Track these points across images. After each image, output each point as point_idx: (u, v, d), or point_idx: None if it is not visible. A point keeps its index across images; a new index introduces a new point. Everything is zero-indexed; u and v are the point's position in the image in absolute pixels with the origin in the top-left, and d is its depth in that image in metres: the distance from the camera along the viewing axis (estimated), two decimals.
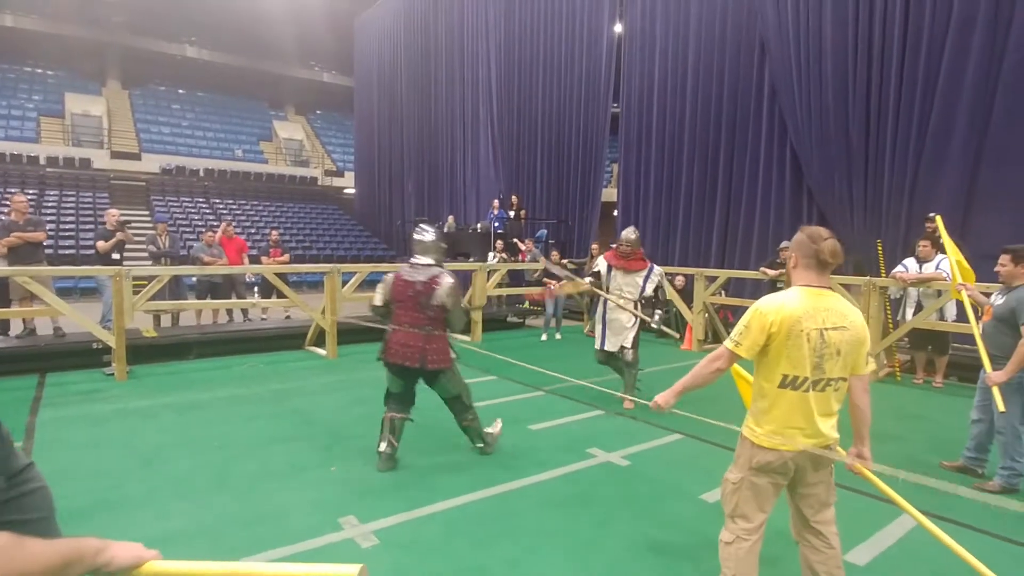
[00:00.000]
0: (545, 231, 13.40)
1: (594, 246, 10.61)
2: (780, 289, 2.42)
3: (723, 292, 9.05)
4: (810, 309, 2.17)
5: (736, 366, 2.86)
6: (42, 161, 21.30)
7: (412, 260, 4.18)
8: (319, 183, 27.36)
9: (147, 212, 20.26)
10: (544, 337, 9.52)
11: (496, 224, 12.55)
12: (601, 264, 5.81)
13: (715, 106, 10.47)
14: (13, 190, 17.14)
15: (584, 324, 10.34)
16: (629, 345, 5.65)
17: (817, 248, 2.21)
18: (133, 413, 5.23)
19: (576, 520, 3.39)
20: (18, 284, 6.44)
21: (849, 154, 8.55)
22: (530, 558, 2.97)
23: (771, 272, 8.00)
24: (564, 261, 10.01)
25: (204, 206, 21.78)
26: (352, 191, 25.58)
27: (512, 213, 13.22)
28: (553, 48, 13.58)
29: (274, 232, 10.98)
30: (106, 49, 27.49)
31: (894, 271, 6.84)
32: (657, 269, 5.76)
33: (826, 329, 2.16)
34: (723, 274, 8.79)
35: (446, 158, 16.99)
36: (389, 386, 4.20)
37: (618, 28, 12.39)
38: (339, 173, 28.12)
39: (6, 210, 8.84)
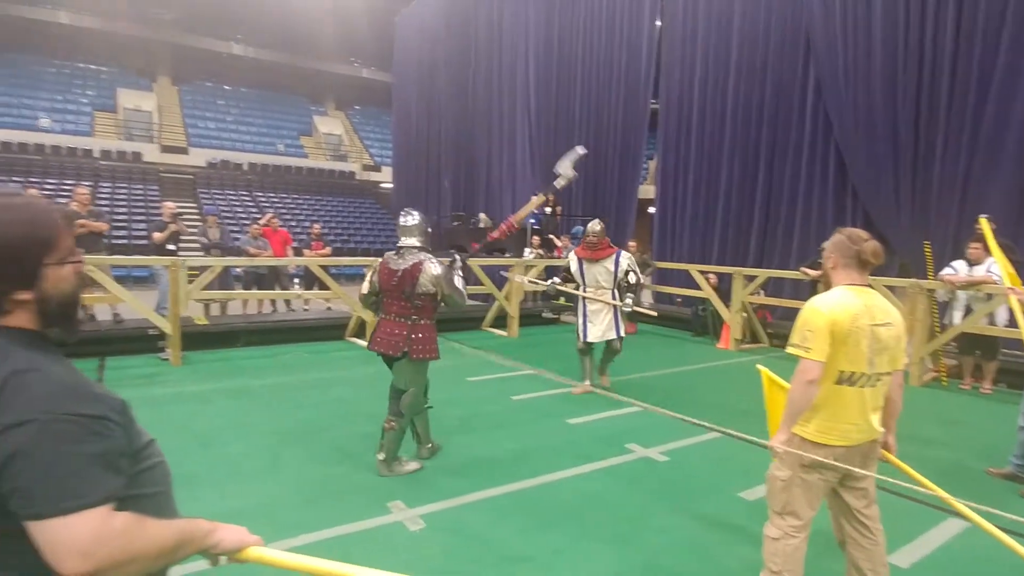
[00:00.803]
0: (581, 228, 13.39)
1: (631, 243, 10.59)
2: (820, 290, 2.45)
3: (762, 291, 8.95)
4: (861, 306, 2.22)
5: (768, 371, 2.87)
6: (96, 154, 22.19)
7: (399, 245, 3.98)
8: (357, 177, 27.83)
9: (194, 204, 20.93)
10: None
11: (532, 220, 12.61)
12: (572, 261, 6.01)
13: (757, 102, 10.32)
14: (70, 182, 17.95)
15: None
16: (616, 336, 5.92)
17: (859, 249, 2.25)
18: (189, 397, 5.50)
19: (616, 513, 3.46)
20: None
21: (897, 152, 8.35)
22: (573, 548, 3.05)
23: (812, 272, 7.88)
24: None
25: (247, 199, 22.41)
26: (389, 185, 25.92)
27: (548, 210, 13.26)
28: (592, 44, 13.54)
29: (316, 226, 11.31)
30: (157, 46, 28.42)
31: (942, 273, 6.67)
32: (625, 254, 5.93)
33: (876, 325, 2.21)
34: (762, 273, 8.69)
35: (483, 154, 17.10)
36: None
37: (659, 23, 12.29)
38: (376, 168, 28.53)
39: (65, 201, 9.32)
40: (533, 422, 5.13)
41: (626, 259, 5.87)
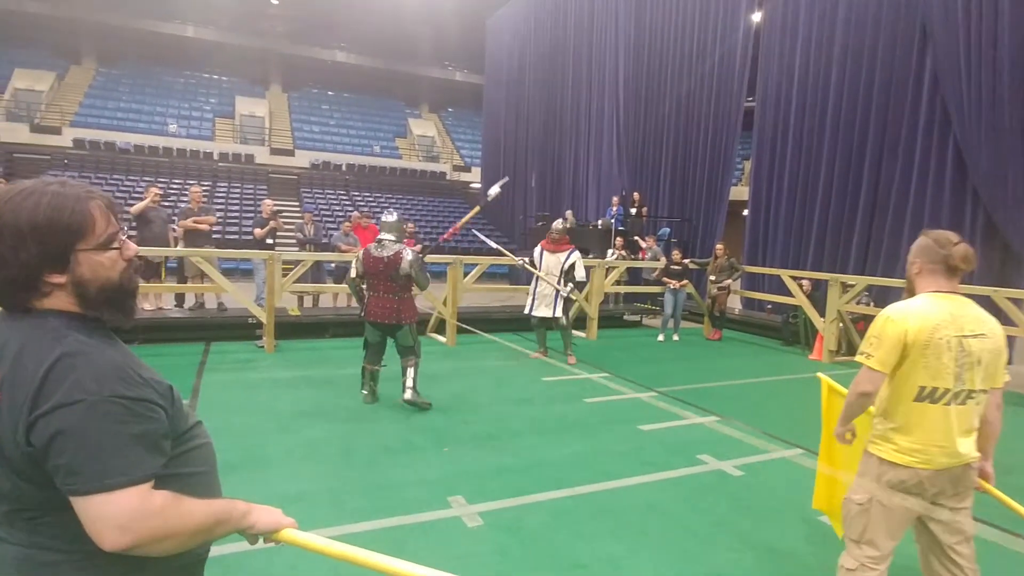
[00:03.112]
0: (668, 229, 13.03)
1: (718, 246, 10.16)
2: (903, 297, 2.23)
3: (871, 301, 8.30)
4: (946, 315, 2.00)
5: (828, 379, 2.67)
6: (215, 157, 24.18)
7: (379, 238, 5.10)
8: (447, 177, 28.56)
9: (297, 203, 22.31)
10: (661, 338, 9.30)
11: (615, 221, 12.40)
12: (536, 251, 7.38)
13: (863, 98, 9.57)
14: (192, 182, 19.66)
15: (704, 327, 9.96)
16: (560, 314, 7.14)
17: (947, 253, 2.04)
18: (278, 383, 5.86)
19: (681, 526, 3.33)
20: (192, 263, 7.45)
21: None
22: (631, 559, 2.97)
23: None
24: (686, 261, 9.69)
25: (345, 199, 23.58)
26: (477, 185, 26.39)
27: (633, 210, 12.98)
28: (684, 39, 13.11)
29: (409, 225, 11.69)
30: (270, 56, 30.57)
31: None
32: (576, 253, 7.26)
33: (965, 336, 1.98)
34: (861, 281, 8.06)
35: (569, 153, 17.03)
36: (368, 337, 5.30)
37: (756, 17, 11.70)
38: (466, 168, 29.14)
39: (186, 199, 10.27)
40: (604, 426, 5.03)
41: (575, 256, 7.19)
